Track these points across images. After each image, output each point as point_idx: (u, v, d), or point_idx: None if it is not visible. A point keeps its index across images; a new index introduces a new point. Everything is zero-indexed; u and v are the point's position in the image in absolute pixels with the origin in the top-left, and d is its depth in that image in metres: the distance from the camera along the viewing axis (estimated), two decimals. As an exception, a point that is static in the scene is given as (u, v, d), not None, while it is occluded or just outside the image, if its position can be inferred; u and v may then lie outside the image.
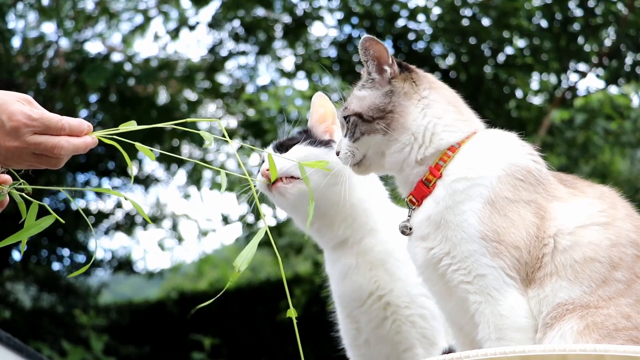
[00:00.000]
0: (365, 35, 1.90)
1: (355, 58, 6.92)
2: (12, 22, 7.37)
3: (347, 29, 7.32)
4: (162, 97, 8.80)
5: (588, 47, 6.87)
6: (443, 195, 1.79)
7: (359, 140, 1.88)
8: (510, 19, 6.62)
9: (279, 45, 8.02)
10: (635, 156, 9.11)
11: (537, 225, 1.74)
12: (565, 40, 6.74)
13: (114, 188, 9.28)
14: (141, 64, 7.92)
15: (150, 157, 1.73)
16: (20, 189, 1.70)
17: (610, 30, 6.77)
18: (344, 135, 1.94)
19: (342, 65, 7.12)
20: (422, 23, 6.97)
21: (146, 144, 1.76)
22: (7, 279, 9.17)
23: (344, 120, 1.93)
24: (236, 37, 7.93)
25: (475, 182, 1.77)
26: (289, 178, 2.20)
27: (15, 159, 1.60)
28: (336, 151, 1.97)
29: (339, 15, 7.22)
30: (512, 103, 7.58)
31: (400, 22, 6.97)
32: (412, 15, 6.89)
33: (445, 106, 1.89)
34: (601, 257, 1.70)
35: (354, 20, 7.11)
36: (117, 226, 9.40)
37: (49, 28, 8.02)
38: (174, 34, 8.03)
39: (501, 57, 7.05)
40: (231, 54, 8.15)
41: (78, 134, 1.63)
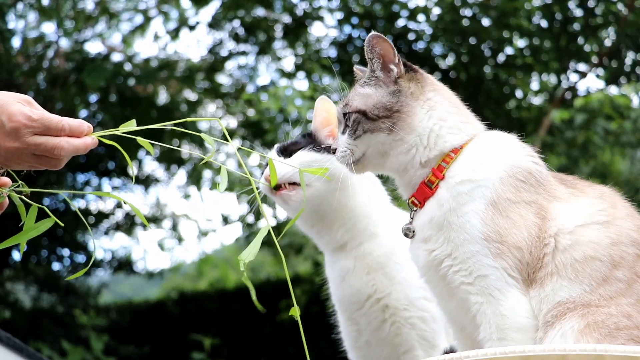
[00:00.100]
0: (373, 32, 1.88)
1: (356, 58, 6.91)
2: (12, 22, 7.37)
3: (347, 29, 7.31)
4: (162, 97, 8.80)
5: (588, 47, 6.86)
6: (447, 198, 1.79)
7: (360, 137, 1.86)
8: (510, 19, 6.61)
9: (279, 45, 8.01)
10: (635, 156, 9.10)
11: (539, 226, 1.75)
12: (565, 40, 6.73)
13: (114, 188, 9.29)
14: (141, 64, 7.92)
15: (151, 151, 1.73)
16: (19, 191, 1.69)
17: (610, 30, 6.76)
18: (341, 133, 1.91)
19: (342, 65, 7.11)
20: (422, 23, 6.97)
21: (146, 142, 1.77)
22: (7, 279, 9.17)
23: (343, 117, 1.91)
24: (236, 37, 7.92)
25: (478, 184, 1.78)
26: (292, 184, 2.22)
27: (15, 160, 1.60)
28: (332, 149, 1.95)
29: (339, 15, 7.22)
30: (512, 103, 7.58)
31: (400, 22, 6.96)
32: (412, 15, 6.88)
33: (448, 108, 1.90)
34: (602, 256, 1.70)
35: (354, 20, 7.10)
36: (117, 226, 9.40)
37: (49, 28, 8.03)
38: (174, 34, 8.03)
39: (501, 57, 7.05)
40: (231, 54, 8.15)
41: (78, 134, 1.63)
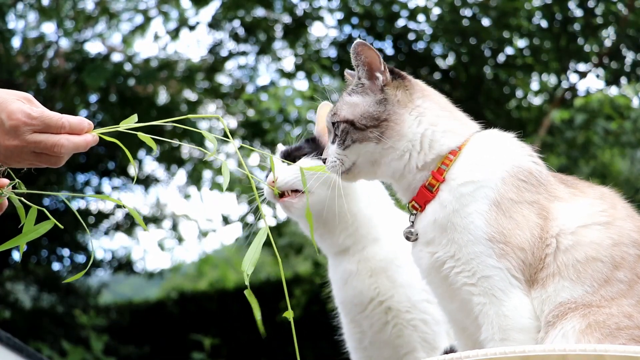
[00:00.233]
0: (357, 40, 1.87)
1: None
2: (12, 22, 7.37)
3: (347, 29, 7.31)
4: (162, 97, 8.79)
5: (588, 47, 6.86)
6: (449, 199, 1.79)
7: (349, 147, 1.85)
8: (510, 19, 6.61)
9: (279, 45, 8.01)
10: (635, 156, 9.10)
11: (541, 226, 1.74)
12: (565, 40, 6.73)
13: (114, 188, 9.29)
14: (141, 64, 7.91)
15: (153, 146, 1.73)
16: (19, 193, 1.68)
17: (610, 30, 6.76)
18: (331, 142, 1.90)
19: (342, 65, 7.10)
20: (422, 23, 6.96)
21: (146, 143, 1.76)
22: (7, 279, 9.16)
23: (332, 126, 1.89)
24: (236, 37, 7.92)
25: (481, 185, 1.77)
26: (294, 191, 2.24)
27: (15, 158, 1.59)
28: (322, 159, 1.94)
29: (339, 15, 7.21)
30: (512, 103, 7.57)
31: (400, 22, 6.95)
32: (412, 15, 6.88)
33: (439, 113, 1.88)
34: (603, 257, 1.70)
35: (354, 20, 7.10)
36: (117, 226, 9.39)
37: (49, 28, 8.02)
38: (174, 34, 8.02)
39: (501, 57, 7.04)
40: (231, 54, 8.15)
41: (78, 132, 1.62)
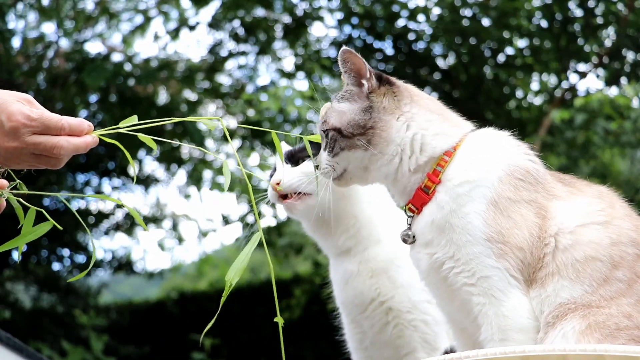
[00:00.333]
0: (344, 47, 1.87)
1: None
2: (12, 22, 7.37)
3: (347, 29, 7.31)
4: (162, 97, 8.79)
5: (588, 47, 6.86)
6: (446, 200, 1.78)
7: (338, 155, 1.85)
8: (510, 19, 6.61)
9: (279, 45, 8.01)
10: (635, 156, 9.10)
11: (539, 226, 1.74)
12: (565, 41, 6.73)
13: (114, 188, 9.29)
14: (141, 64, 7.91)
15: (153, 146, 1.72)
16: (18, 193, 1.67)
17: (611, 30, 6.76)
18: (323, 149, 1.90)
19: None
20: (422, 23, 6.96)
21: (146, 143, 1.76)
22: (7, 279, 9.16)
23: (323, 134, 1.90)
24: (236, 37, 7.92)
25: (478, 184, 1.77)
26: (297, 193, 2.27)
27: (15, 160, 1.58)
28: (315, 165, 1.95)
29: (339, 15, 7.21)
30: (512, 103, 7.58)
31: (400, 22, 6.95)
32: (412, 15, 6.88)
33: (429, 117, 1.87)
34: (602, 256, 1.70)
35: (354, 20, 7.10)
36: (117, 226, 9.39)
37: (49, 28, 8.02)
38: (174, 34, 8.02)
39: (501, 57, 7.04)
40: (231, 54, 8.14)
41: (78, 133, 1.61)
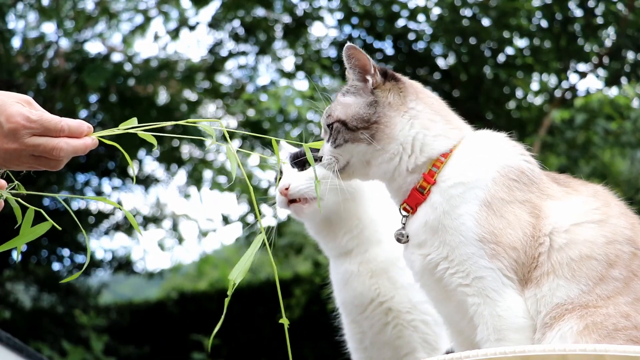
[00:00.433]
0: (348, 43, 1.89)
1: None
2: (12, 22, 7.37)
3: (347, 29, 7.31)
4: (162, 98, 8.79)
5: (588, 47, 6.86)
6: (440, 201, 1.79)
7: (341, 147, 1.87)
8: (510, 19, 6.61)
9: (279, 45, 8.01)
10: (635, 156, 9.09)
11: (533, 225, 1.75)
12: (565, 40, 6.73)
13: (114, 188, 9.29)
14: (141, 64, 7.91)
15: (154, 142, 1.72)
16: (16, 194, 1.68)
17: (611, 30, 6.76)
18: (326, 141, 1.92)
19: (342, 65, 7.09)
20: (422, 23, 6.96)
21: (146, 143, 1.76)
22: (7, 279, 9.16)
23: (327, 127, 1.91)
24: (236, 37, 7.92)
25: (471, 186, 1.78)
26: (304, 198, 2.30)
27: (14, 161, 1.59)
28: (318, 157, 1.96)
29: (339, 15, 7.21)
30: (512, 103, 7.57)
31: (400, 22, 6.95)
32: (412, 15, 6.88)
33: (432, 116, 1.89)
34: (597, 255, 1.70)
35: (354, 20, 7.10)
36: (117, 226, 9.39)
37: (49, 28, 8.02)
38: (174, 34, 8.02)
39: (501, 57, 7.04)
40: (231, 54, 8.14)
41: (78, 135, 1.62)
